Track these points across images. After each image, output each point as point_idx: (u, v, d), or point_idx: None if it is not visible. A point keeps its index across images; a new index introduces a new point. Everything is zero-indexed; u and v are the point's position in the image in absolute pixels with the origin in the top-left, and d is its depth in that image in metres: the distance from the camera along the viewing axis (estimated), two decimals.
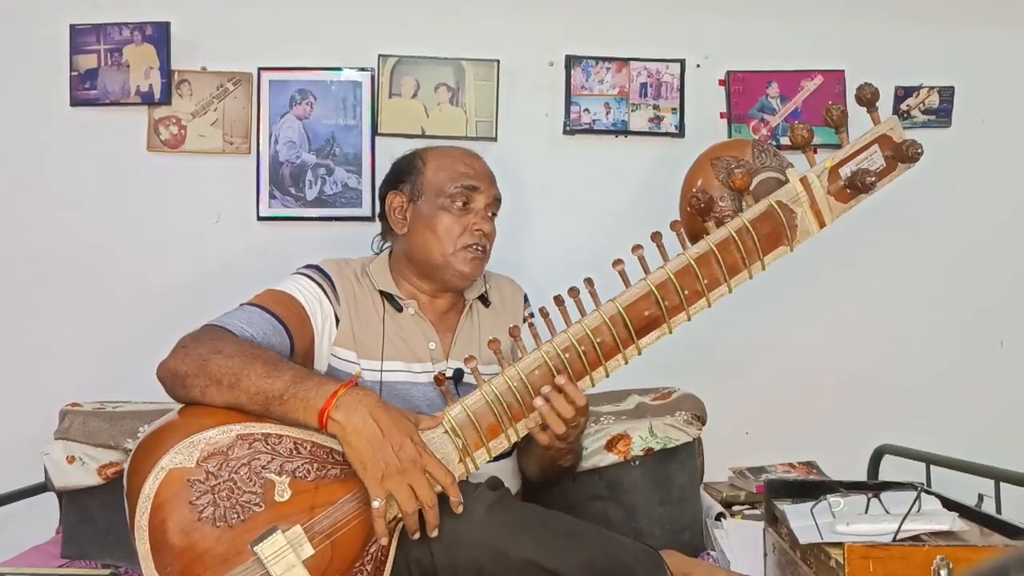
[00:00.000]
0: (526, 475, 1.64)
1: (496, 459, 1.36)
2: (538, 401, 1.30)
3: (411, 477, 1.21)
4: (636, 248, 1.33)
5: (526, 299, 1.75)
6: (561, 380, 1.30)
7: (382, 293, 1.58)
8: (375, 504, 1.21)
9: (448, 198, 1.56)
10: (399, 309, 1.57)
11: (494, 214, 1.63)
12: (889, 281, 2.22)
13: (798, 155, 1.42)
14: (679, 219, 1.41)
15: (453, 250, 1.55)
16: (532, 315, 1.72)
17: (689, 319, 1.35)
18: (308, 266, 1.58)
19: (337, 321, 1.53)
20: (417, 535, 1.24)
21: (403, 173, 1.63)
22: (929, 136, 2.13)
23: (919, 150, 1.34)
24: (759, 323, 2.18)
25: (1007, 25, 2.22)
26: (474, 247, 1.56)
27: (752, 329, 2.18)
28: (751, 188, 1.37)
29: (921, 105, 2.20)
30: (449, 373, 1.52)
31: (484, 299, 1.66)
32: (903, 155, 1.36)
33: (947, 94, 2.20)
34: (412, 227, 1.60)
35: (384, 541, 1.23)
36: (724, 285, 1.35)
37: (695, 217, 1.37)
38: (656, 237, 1.34)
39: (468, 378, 1.53)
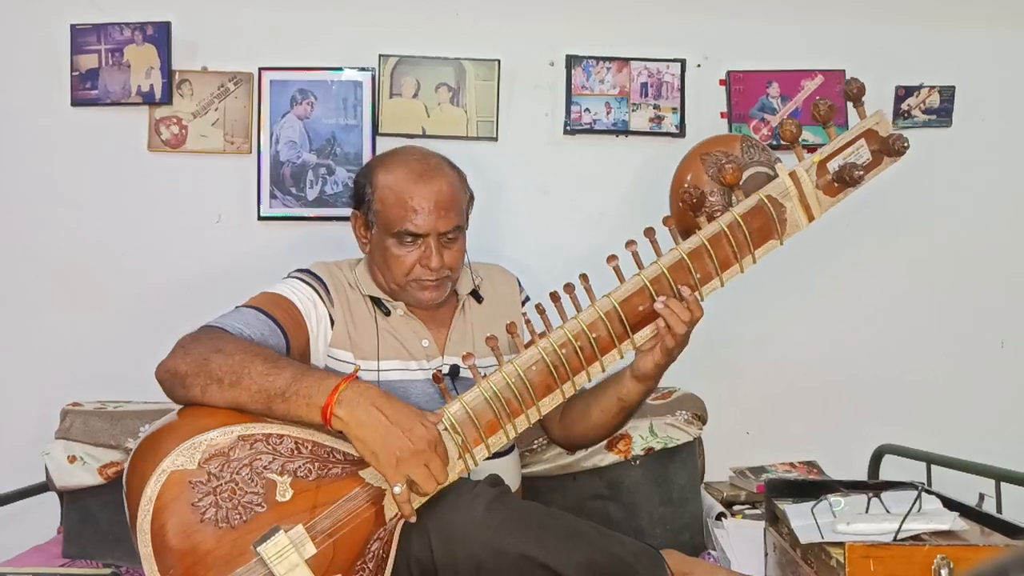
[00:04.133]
0: (576, 438, 1.59)
1: (496, 456, 1.37)
2: (659, 305, 1.31)
3: (427, 457, 1.22)
4: (630, 244, 1.34)
5: (520, 284, 1.75)
6: (686, 291, 1.33)
7: (371, 298, 1.58)
8: (396, 489, 1.21)
9: (394, 237, 1.51)
10: (387, 313, 1.57)
11: (453, 238, 1.54)
12: (890, 281, 2.22)
13: (788, 154, 1.42)
14: (670, 215, 1.42)
15: (405, 282, 1.54)
16: (528, 299, 1.72)
17: None
18: (300, 270, 1.59)
19: (332, 323, 1.53)
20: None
21: (359, 196, 1.58)
22: (929, 136, 2.15)
23: (905, 144, 1.36)
24: (760, 323, 2.18)
25: (1007, 25, 2.22)
26: (427, 280, 1.53)
27: (753, 329, 2.18)
28: (741, 183, 1.37)
29: (922, 105, 2.20)
30: (445, 370, 1.53)
31: (476, 294, 1.66)
32: (889, 149, 1.37)
33: (947, 94, 2.20)
34: (372, 250, 1.58)
35: (414, 519, 1.24)
36: (716, 279, 1.36)
37: (686, 212, 1.38)
38: (649, 233, 1.34)
39: (464, 374, 1.53)
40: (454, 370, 1.54)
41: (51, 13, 2.09)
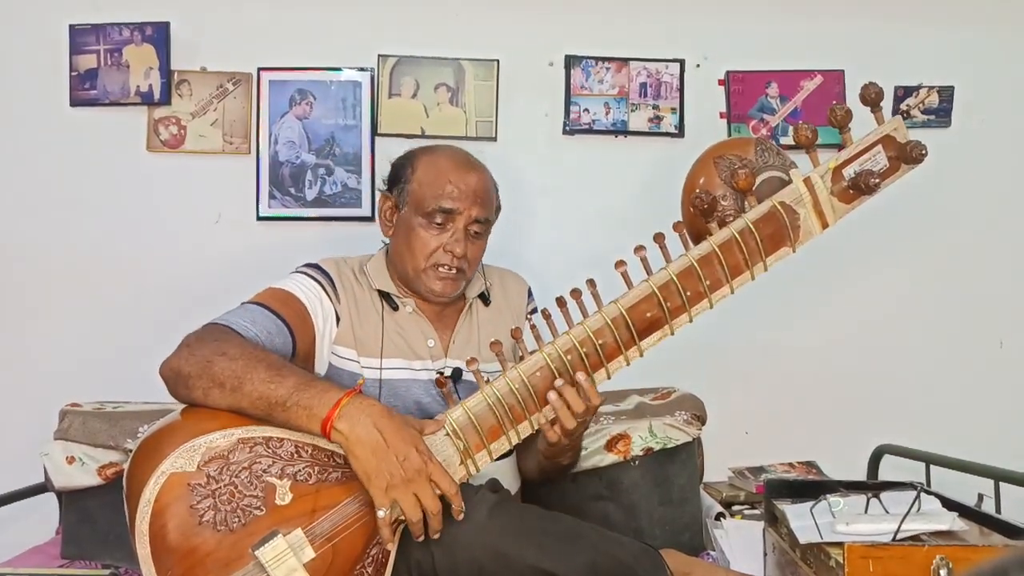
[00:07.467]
0: (524, 475, 1.64)
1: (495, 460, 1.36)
2: (552, 395, 1.29)
3: (416, 487, 1.21)
4: (639, 249, 1.31)
5: (530, 293, 1.74)
6: (580, 376, 1.29)
7: (380, 292, 1.58)
8: (380, 513, 1.20)
9: (425, 216, 1.53)
10: (395, 308, 1.57)
11: (479, 232, 1.57)
12: (889, 281, 2.22)
13: (799, 155, 1.41)
14: (681, 219, 1.40)
15: (424, 267, 1.54)
16: (535, 310, 1.71)
17: (691, 320, 1.34)
18: (308, 265, 1.58)
19: (338, 319, 1.53)
20: (421, 538, 1.24)
21: (396, 176, 1.60)
22: (929, 136, 2.12)
23: (923, 151, 1.33)
24: (759, 323, 2.18)
25: (1007, 25, 2.22)
26: (446, 267, 1.54)
27: (752, 329, 2.18)
28: (754, 188, 1.35)
29: (921, 105, 2.20)
30: (448, 372, 1.53)
31: (485, 297, 1.66)
32: (907, 156, 1.34)
33: (947, 94, 2.20)
34: (396, 233, 1.59)
35: (391, 547, 1.23)
36: (726, 286, 1.33)
37: (698, 217, 1.35)
38: (659, 238, 1.32)
39: (467, 376, 1.53)
40: (456, 373, 1.54)
41: (50, 13, 2.09)
